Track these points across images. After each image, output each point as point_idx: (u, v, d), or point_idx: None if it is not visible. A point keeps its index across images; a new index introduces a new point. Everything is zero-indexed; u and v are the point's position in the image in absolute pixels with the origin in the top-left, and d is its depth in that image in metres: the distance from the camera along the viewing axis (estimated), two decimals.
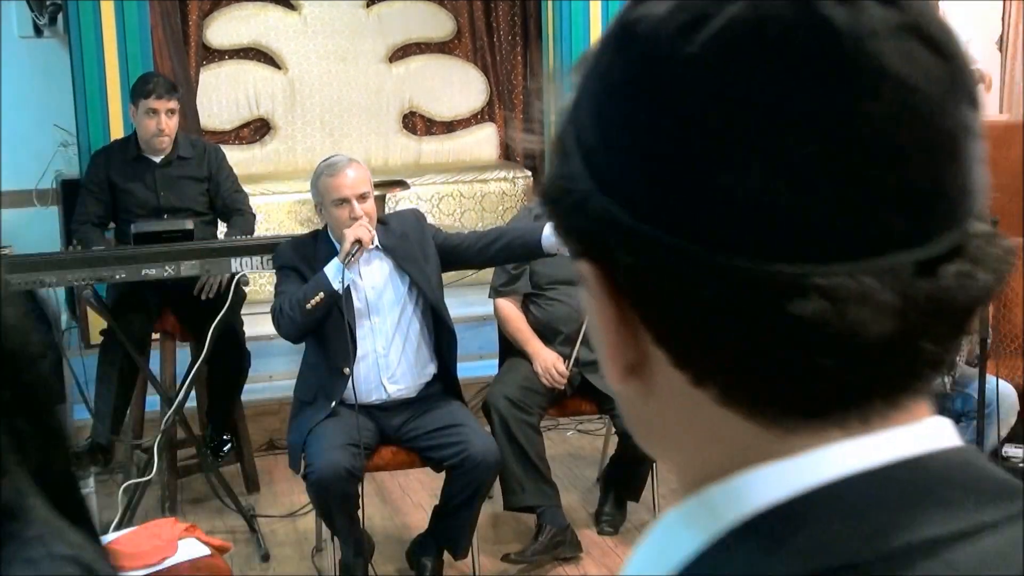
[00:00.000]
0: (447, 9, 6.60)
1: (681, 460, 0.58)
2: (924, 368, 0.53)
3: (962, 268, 0.51)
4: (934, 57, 0.51)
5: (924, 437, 0.53)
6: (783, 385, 0.51)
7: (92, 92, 5.08)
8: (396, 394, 3.55)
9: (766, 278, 0.49)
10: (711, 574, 0.52)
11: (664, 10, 0.51)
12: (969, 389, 3.63)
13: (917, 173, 0.50)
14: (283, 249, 3.60)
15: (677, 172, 0.51)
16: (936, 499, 0.51)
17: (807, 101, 0.49)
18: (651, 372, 0.56)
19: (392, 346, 3.55)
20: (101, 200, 4.38)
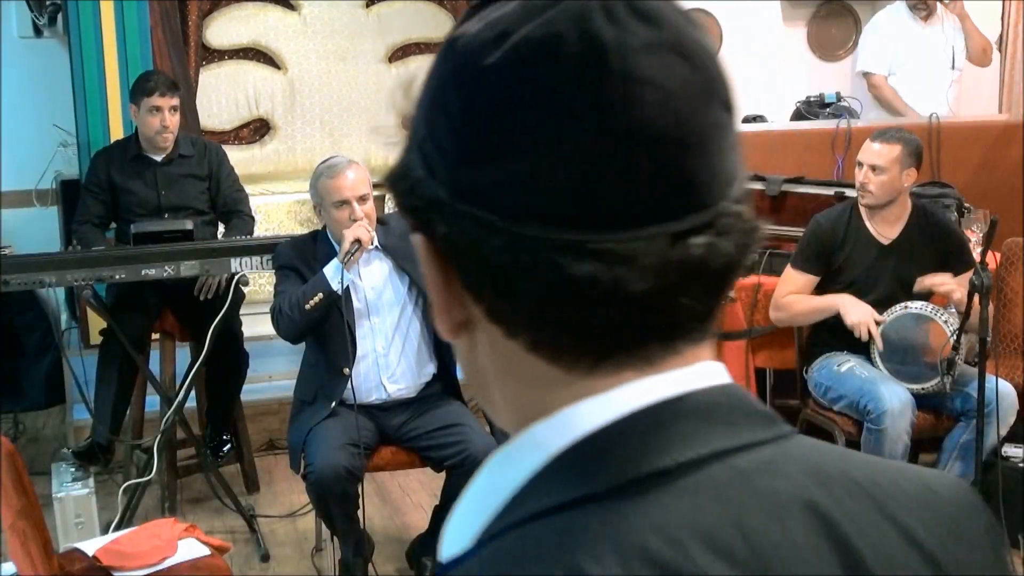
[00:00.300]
0: (447, 9, 6.60)
1: (504, 404, 0.70)
2: (687, 319, 0.65)
3: (709, 240, 0.63)
4: (689, 68, 0.63)
5: (702, 375, 0.66)
6: (573, 333, 0.64)
7: (92, 92, 5.08)
8: (396, 394, 3.55)
9: (553, 244, 0.61)
10: (541, 496, 0.62)
11: (476, 29, 0.64)
12: (969, 388, 3.63)
13: (672, 162, 0.62)
14: (282, 249, 3.60)
15: (482, 157, 0.63)
16: (720, 421, 0.64)
17: (582, 101, 0.61)
18: (474, 328, 0.68)
19: (392, 346, 3.55)
20: (102, 200, 4.38)
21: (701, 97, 0.63)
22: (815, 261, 3.94)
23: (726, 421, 0.65)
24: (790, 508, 0.63)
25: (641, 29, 0.62)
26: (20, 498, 2.47)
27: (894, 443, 3.62)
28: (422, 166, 0.66)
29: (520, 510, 0.63)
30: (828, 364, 3.92)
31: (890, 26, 6.05)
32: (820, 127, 5.49)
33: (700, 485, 0.62)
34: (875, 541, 0.64)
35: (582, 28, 0.62)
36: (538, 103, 0.62)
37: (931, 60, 5.99)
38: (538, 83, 0.62)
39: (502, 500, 0.65)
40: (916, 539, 0.65)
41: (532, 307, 0.64)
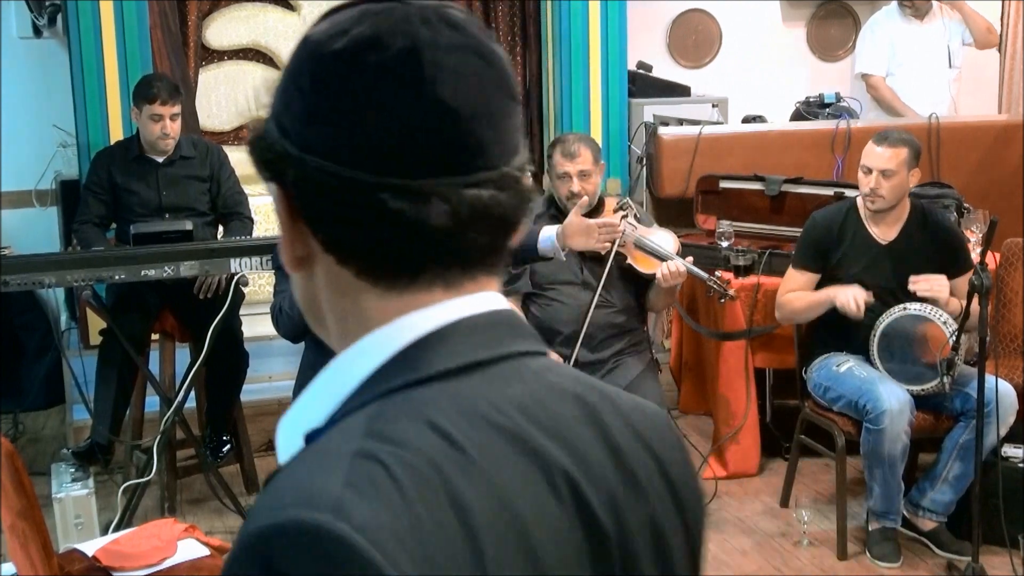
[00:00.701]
0: None
1: (336, 326, 0.89)
2: (478, 253, 0.86)
3: (493, 193, 0.84)
4: (483, 64, 0.85)
5: (496, 300, 0.87)
6: (390, 257, 0.84)
7: (91, 93, 5.08)
8: None
9: (377, 185, 0.81)
10: (389, 380, 0.82)
11: (325, 27, 0.85)
12: (968, 388, 3.63)
13: (466, 131, 0.83)
14: None
15: (324, 120, 0.83)
16: (515, 333, 0.87)
17: (401, 81, 0.82)
18: (313, 261, 0.87)
19: None
20: (103, 200, 4.38)
21: (491, 86, 0.85)
22: (813, 259, 3.94)
23: (518, 333, 0.88)
24: (566, 396, 0.86)
25: (448, 33, 0.84)
26: (20, 498, 2.46)
27: (893, 443, 3.62)
28: (277, 131, 0.86)
29: (372, 391, 0.82)
30: (827, 364, 3.92)
31: (887, 27, 6.05)
32: (820, 127, 5.49)
33: (509, 373, 0.84)
34: (619, 432, 0.88)
35: (404, 28, 0.83)
36: (368, 81, 0.82)
37: (929, 59, 5.99)
38: (369, 66, 0.82)
39: (351, 389, 0.83)
40: (643, 437, 0.90)
41: (359, 236, 0.83)
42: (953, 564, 3.74)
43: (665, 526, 0.89)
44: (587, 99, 5.73)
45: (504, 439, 0.80)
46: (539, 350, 0.88)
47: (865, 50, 6.12)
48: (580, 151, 3.94)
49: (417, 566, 0.72)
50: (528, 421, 0.82)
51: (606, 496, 0.84)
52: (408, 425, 0.78)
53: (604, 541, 0.83)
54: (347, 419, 0.81)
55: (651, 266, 3.90)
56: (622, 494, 0.85)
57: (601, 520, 0.83)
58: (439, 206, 0.81)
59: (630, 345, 4.02)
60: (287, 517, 0.73)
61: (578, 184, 3.94)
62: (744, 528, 4.10)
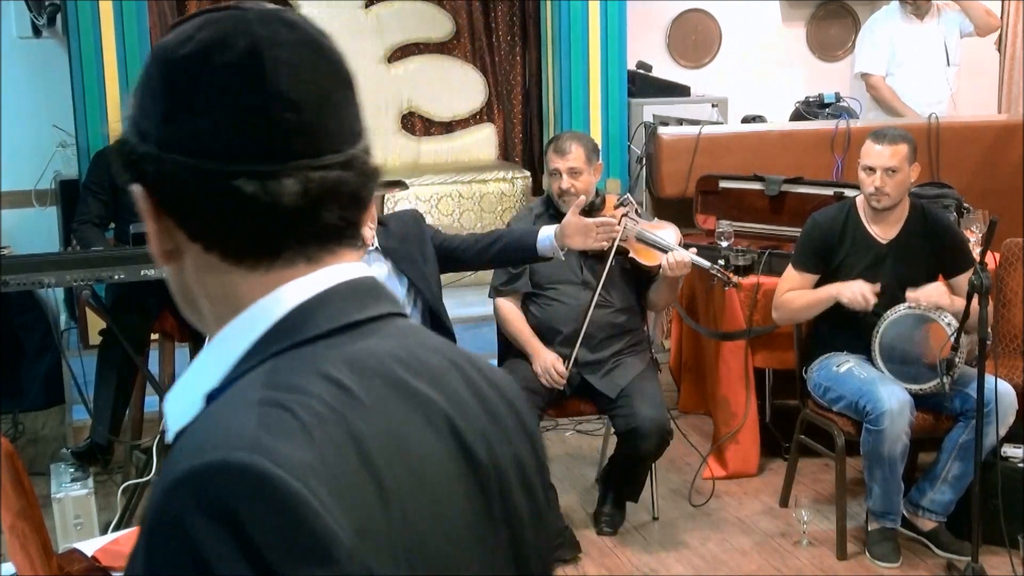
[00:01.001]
0: (446, 10, 6.60)
1: (211, 311, 0.95)
2: (332, 229, 0.93)
3: (339, 173, 0.92)
4: (319, 58, 0.94)
5: (357, 269, 0.96)
6: (251, 239, 0.91)
7: (91, 93, 5.08)
8: None
9: (232, 173, 0.88)
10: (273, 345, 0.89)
11: (172, 37, 0.93)
12: (968, 389, 3.63)
13: (309, 118, 0.91)
14: None
15: (178, 118, 0.90)
16: (380, 297, 0.97)
17: (246, 77, 0.89)
18: (181, 253, 0.94)
19: None
20: (103, 200, 4.38)
21: (329, 77, 0.94)
22: (813, 260, 3.94)
23: (383, 298, 0.97)
24: (433, 350, 0.97)
25: (285, 32, 0.92)
26: (19, 499, 2.46)
27: (893, 443, 3.62)
28: (136, 135, 0.93)
29: (261, 354, 0.89)
30: (827, 364, 3.92)
31: (885, 26, 6.05)
32: (819, 127, 5.49)
33: (384, 331, 0.94)
34: (480, 382, 0.99)
35: (244, 30, 0.91)
36: (216, 79, 0.90)
37: (928, 58, 5.99)
38: (216, 66, 0.90)
39: (239, 355, 0.90)
40: (499, 387, 1.01)
41: (221, 223, 0.90)
42: (953, 564, 3.74)
43: (527, 463, 1.00)
44: (587, 99, 5.73)
45: (387, 385, 0.90)
46: (402, 312, 0.99)
47: (864, 50, 6.12)
48: (572, 148, 3.94)
49: (330, 493, 0.79)
50: (405, 370, 0.92)
51: (479, 433, 0.95)
52: (302, 376, 0.86)
53: (479, 469, 0.94)
54: (246, 376, 0.88)
55: (654, 259, 3.90)
56: (491, 432, 0.96)
57: (476, 451, 0.94)
58: (291, 188, 0.89)
59: (630, 345, 4.02)
60: (211, 459, 0.78)
61: (568, 181, 3.94)
62: (744, 528, 4.10)
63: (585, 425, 5.08)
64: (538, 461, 1.02)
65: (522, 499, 0.98)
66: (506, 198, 6.17)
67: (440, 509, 0.89)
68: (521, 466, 0.99)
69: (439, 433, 0.92)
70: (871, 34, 6.11)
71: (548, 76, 5.97)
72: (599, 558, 3.88)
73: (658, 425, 3.78)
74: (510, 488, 0.96)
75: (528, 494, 0.99)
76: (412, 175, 6.03)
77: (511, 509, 0.96)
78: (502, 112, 6.72)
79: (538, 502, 1.01)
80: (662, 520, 4.17)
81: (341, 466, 0.82)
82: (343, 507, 0.80)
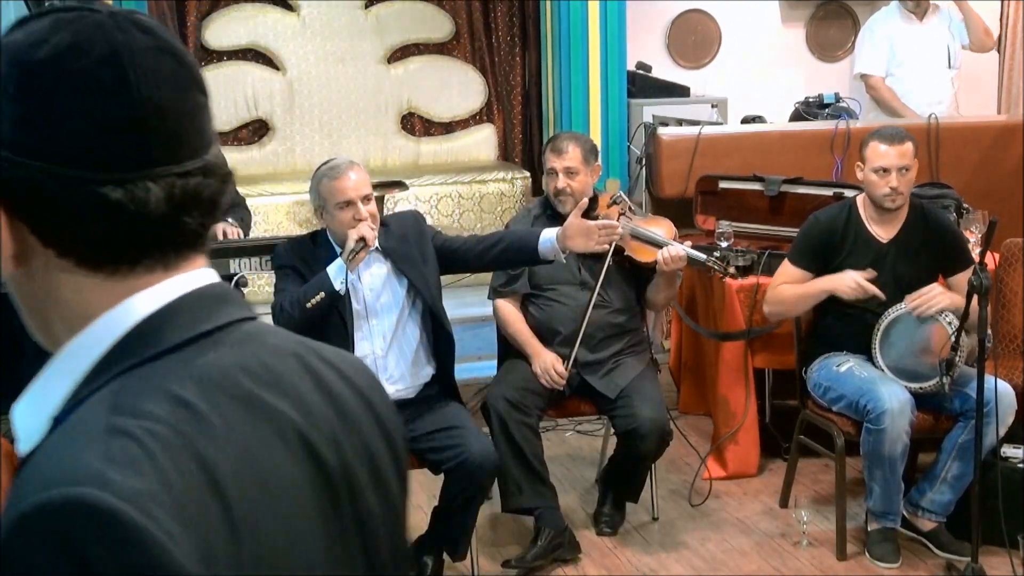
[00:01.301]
0: (445, 10, 6.60)
1: (61, 323, 0.92)
2: (190, 234, 0.94)
3: (199, 179, 0.93)
4: (176, 64, 0.93)
5: (207, 275, 0.96)
6: (114, 248, 0.90)
7: None
8: (394, 394, 3.55)
9: (96, 180, 0.87)
10: (121, 361, 0.88)
11: (21, 36, 0.90)
12: (968, 389, 3.63)
13: (171, 125, 0.91)
14: (282, 249, 3.60)
15: (35, 124, 0.88)
16: (229, 303, 0.97)
17: (105, 83, 0.88)
18: (31, 257, 0.91)
19: (390, 348, 3.55)
20: None
21: (186, 84, 0.93)
22: (811, 258, 3.94)
23: (232, 303, 0.97)
24: (285, 354, 0.98)
25: (141, 37, 0.91)
26: None
27: (894, 443, 3.62)
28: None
29: (110, 370, 0.88)
30: (827, 364, 3.92)
31: (885, 27, 6.05)
32: (819, 128, 5.49)
33: (231, 339, 0.94)
34: (330, 379, 1.00)
35: (101, 35, 0.89)
36: (76, 85, 0.88)
37: (929, 59, 5.99)
38: (74, 72, 0.88)
39: (85, 369, 0.89)
40: (350, 380, 1.03)
41: (82, 230, 0.89)
42: (952, 564, 3.74)
43: (376, 453, 1.02)
44: (586, 99, 5.73)
45: (235, 400, 0.90)
46: (251, 316, 0.99)
47: (864, 50, 6.12)
48: (568, 148, 3.94)
49: (175, 521, 0.79)
50: (253, 382, 0.93)
51: (328, 436, 0.97)
52: (150, 398, 0.86)
53: (329, 474, 0.96)
54: (92, 397, 0.87)
55: (649, 255, 3.90)
56: (340, 431, 0.98)
57: (325, 458, 0.95)
58: (157, 195, 0.90)
59: (629, 345, 4.02)
60: (55, 495, 0.78)
61: (564, 181, 3.94)
62: (743, 528, 4.10)
63: (585, 425, 5.08)
64: (392, 451, 1.04)
65: (373, 497, 1.00)
66: (506, 198, 6.17)
67: (290, 523, 0.90)
68: (373, 461, 1.01)
69: (288, 444, 0.93)
70: (871, 35, 6.11)
71: (548, 76, 5.97)
72: (599, 558, 3.88)
73: (658, 425, 3.78)
74: (360, 488, 0.99)
75: (380, 490, 1.01)
76: (412, 175, 6.04)
77: (361, 509, 0.98)
78: (502, 112, 6.72)
79: (391, 496, 1.03)
80: (662, 521, 4.17)
81: (187, 492, 0.82)
82: (189, 534, 0.80)
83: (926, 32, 5.99)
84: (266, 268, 3.90)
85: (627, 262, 3.97)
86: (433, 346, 3.62)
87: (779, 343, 4.39)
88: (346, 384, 1.02)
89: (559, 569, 3.80)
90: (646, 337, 4.15)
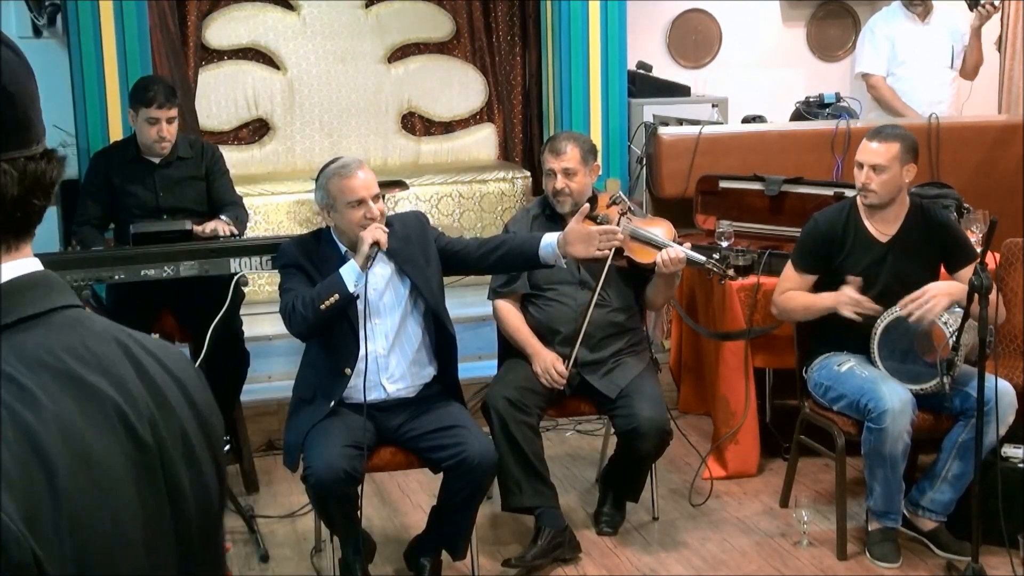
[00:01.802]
0: (446, 10, 6.59)
1: None
2: (35, 217, 1.02)
3: (43, 164, 1.00)
4: (15, 54, 1.00)
5: (33, 263, 1.02)
6: None
7: (91, 93, 5.08)
8: (395, 393, 3.55)
9: None
10: None
11: None
12: (968, 388, 3.63)
13: (21, 111, 0.99)
14: (287, 248, 3.58)
15: None
16: (54, 289, 1.03)
17: None
18: None
19: (392, 348, 3.54)
20: (100, 201, 4.39)
21: (27, 74, 1.01)
22: (813, 260, 3.94)
23: (58, 290, 1.03)
24: (108, 340, 1.05)
25: None
26: None
27: (895, 442, 3.62)
28: None
29: None
30: (828, 364, 3.92)
31: (887, 27, 6.05)
32: (819, 128, 5.49)
33: (58, 323, 1.01)
34: (150, 366, 1.07)
35: None
36: None
37: (930, 59, 5.98)
38: None
39: None
40: (169, 368, 1.09)
41: None
42: (953, 564, 3.74)
43: (191, 436, 1.09)
44: (587, 99, 5.73)
45: (61, 379, 0.97)
46: (78, 304, 1.05)
47: (865, 50, 6.11)
48: (567, 149, 3.94)
49: (3, 489, 0.86)
50: (77, 362, 0.99)
51: (146, 416, 1.03)
52: None
53: (147, 452, 1.02)
54: None
55: (649, 256, 3.90)
56: (157, 413, 1.05)
57: (142, 436, 1.02)
58: (11, 177, 0.96)
59: (630, 345, 4.02)
60: None
61: (562, 181, 3.94)
62: (744, 528, 4.10)
63: (585, 425, 5.08)
64: (206, 434, 1.11)
65: (186, 475, 1.07)
66: (506, 198, 6.17)
67: (108, 493, 0.97)
68: (187, 441, 1.08)
69: (108, 420, 0.99)
70: (872, 34, 6.11)
71: (548, 76, 5.97)
72: (599, 558, 3.88)
73: (658, 425, 3.78)
74: (173, 466, 1.05)
75: (193, 470, 1.08)
76: (412, 175, 6.04)
77: (174, 486, 1.05)
78: (502, 112, 6.71)
79: (204, 475, 1.10)
80: (662, 520, 4.17)
81: (12, 459, 0.88)
82: (13, 496, 0.86)
83: (928, 32, 5.99)
84: (266, 268, 3.89)
85: (626, 262, 3.96)
86: (435, 347, 3.62)
87: (779, 343, 4.39)
88: (166, 372, 1.09)
89: (559, 569, 3.80)
90: (646, 337, 4.15)
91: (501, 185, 6.19)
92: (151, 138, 4.32)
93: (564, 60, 5.73)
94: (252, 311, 4.84)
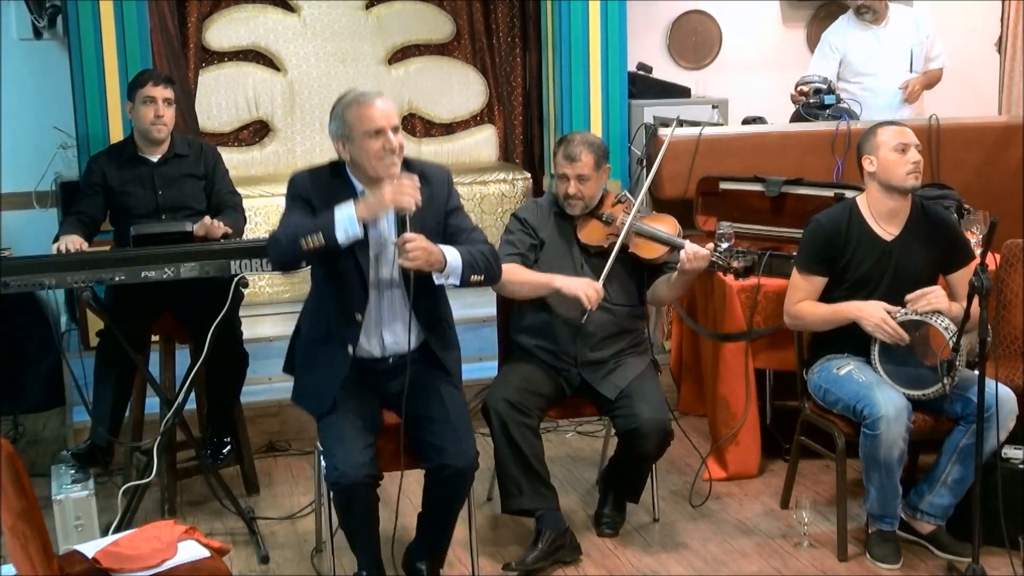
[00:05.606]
0: (446, 11, 6.60)
1: None
2: None
3: None
4: None
5: None
6: None
7: (91, 94, 5.08)
8: (392, 348, 3.42)
9: None
10: None
11: None
12: (969, 393, 3.62)
13: None
14: (300, 178, 3.36)
15: None
16: None
17: None
18: None
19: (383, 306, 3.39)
20: (95, 201, 4.39)
21: None
22: (820, 262, 3.91)
23: None
24: None
25: None
26: (20, 500, 2.46)
27: (890, 448, 3.62)
28: None
29: None
30: (828, 367, 3.91)
31: (839, 39, 6.03)
32: (819, 129, 5.49)
33: None
34: None
35: None
36: None
37: (888, 62, 5.96)
38: None
39: None
40: None
41: None
42: (953, 565, 3.74)
43: None
44: (587, 100, 5.73)
45: None
46: None
47: (814, 60, 6.12)
48: (581, 155, 3.92)
49: None
50: None
51: None
52: None
53: None
54: None
55: (654, 252, 3.91)
56: None
57: None
58: None
59: (631, 345, 4.02)
60: None
61: (575, 187, 3.94)
62: (744, 529, 4.10)
63: (585, 426, 5.08)
64: None
65: None
66: (506, 199, 6.17)
67: None
68: None
69: None
70: (822, 44, 6.11)
71: (548, 77, 5.97)
72: (600, 559, 3.88)
73: (659, 426, 3.78)
74: None
75: None
76: None
77: None
78: (502, 113, 6.72)
79: None
80: (663, 521, 4.17)
81: None
82: None
83: (884, 37, 5.97)
84: (266, 269, 3.89)
85: (630, 259, 3.96)
86: (428, 311, 3.44)
87: (780, 344, 4.39)
88: None
89: (560, 570, 3.80)
90: (647, 337, 4.15)
91: (501, 186, 6.19)
92: (148, 120, 4.31)
93: (564, 61, 5.73)
94: (252, 312, 4.83)
